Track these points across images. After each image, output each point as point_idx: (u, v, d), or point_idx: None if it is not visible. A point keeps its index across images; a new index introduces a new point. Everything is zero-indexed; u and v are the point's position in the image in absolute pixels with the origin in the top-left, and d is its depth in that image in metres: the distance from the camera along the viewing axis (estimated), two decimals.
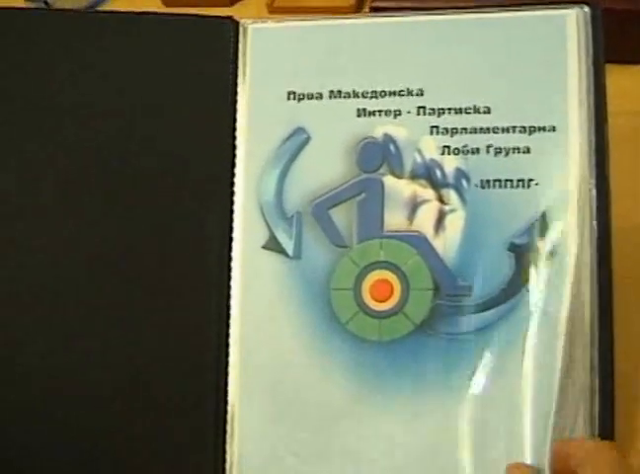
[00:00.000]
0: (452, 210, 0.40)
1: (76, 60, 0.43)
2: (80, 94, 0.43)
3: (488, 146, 0.40)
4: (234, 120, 0.42)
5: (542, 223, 0.39)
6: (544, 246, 0.39)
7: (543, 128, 0.40)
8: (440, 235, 0.40)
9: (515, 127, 0.40)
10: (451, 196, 0.40)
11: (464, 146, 0.40)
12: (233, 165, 0.42)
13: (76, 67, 0.43)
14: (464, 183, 0.40)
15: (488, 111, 0.40)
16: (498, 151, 0.40)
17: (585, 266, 0.38)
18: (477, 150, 0.40)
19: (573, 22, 0.40)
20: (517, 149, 0.40)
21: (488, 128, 0.40)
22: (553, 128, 0.39)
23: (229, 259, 0.41)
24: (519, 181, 0.39)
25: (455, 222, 0.40)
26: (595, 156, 0.39)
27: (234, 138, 0.42)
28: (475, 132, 0.40)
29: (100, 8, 0.63)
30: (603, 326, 0.38)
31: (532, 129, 0.40)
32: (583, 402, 0.38)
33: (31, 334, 0.41)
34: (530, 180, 0.39)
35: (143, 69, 0.43)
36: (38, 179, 0.42)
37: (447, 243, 0.40)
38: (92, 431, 0.41)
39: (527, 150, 0.40)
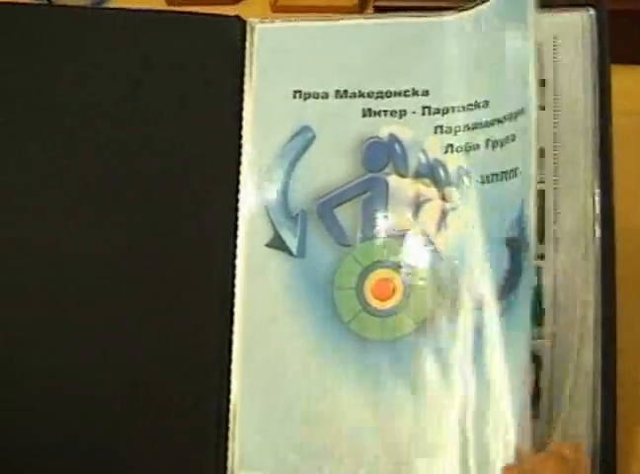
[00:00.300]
0: (454, 208, 0.40)
1: (79, 58, 0.43)
2: (83, 92, 0.43)
3: (487, 140, 0.40)
4: (240, 119, 0.42)
5: (521, 213, 0.38)
6: (525, 238, 0.38)
7: (520, 112, 0.39)
8: (442, 233, 0.40)
9: (505, 116, 0.39)
10: (454, 194, 0.40)
11: (467, 143, 0.40)
12: (238, 163, 0.42)
13: (79, 65, 0.43)
14: (466, 180, 0.40)
15: (486, 104, 0.40)
16: (495, 144, 0.40)
17: (588, 265, 0.39)
18: (477, 146, 0.40)
19: (577, 21, 0.40)
20: (508, 138, 0.39)
21: (487, 122, 0.40)
22: (522, 111, 0.38)
23: (233, 257, 0.41)
24: (511, 171, 0.39)
25: (457, 220, 0.40)
26: (599, 158, 0.39)
27: (240, 137, 0.42)
28: (476, 128, 0.40)
29: (104, 5, 0.62)
30: (606, 327, 0.38)
31: (516, 114, 0.39)
32: (585, 403, 0.38)
33: (32, 334, 0.41)
34: (517, 168, 0.39)
35: (148, 68, 0.42)
36: (41, 177, 0.42)
37: (449, 241, 0.40)
38: (93, 430, 0.41)
39: (514, 138, 0.39)
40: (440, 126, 0.41)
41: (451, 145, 0.41)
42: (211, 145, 0.42)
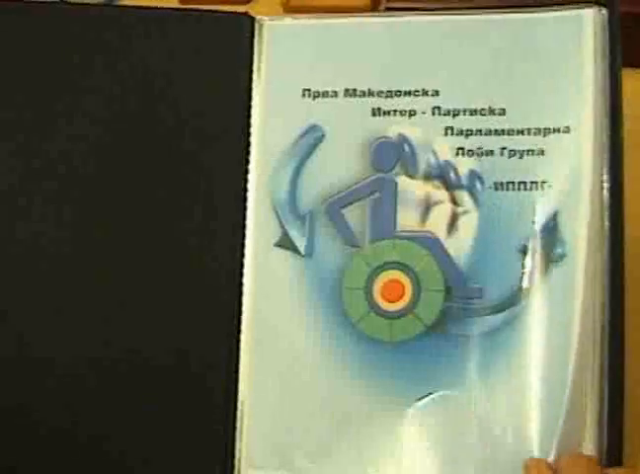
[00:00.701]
0: (465, 212, 0.40)
1: (90, 55, 0.43)
2: (93, 89, 0.42)
3: (502, 148, 0.40)
4: (249, 117, 0.42)
5: (554, 225, 0.39)
6: (555, 248, 0.39)
7: (558, 130, 0.40)
8: (453, 237, 0.40)
9: (529, 129, 0.40)
10: (465, 197, 0.40)
11: (479, 148, 0.40)
12: (247, 161, 0.42)
13: (90, 62, 0.43)
14: (478, 185, 0.40)
15: (503, 112, 0.40)
16: (512, 153, 0.40)
17: (597, 269, 0.39)
18: (491, 152, 0.40)
19: (589, 22, 0.40)
20: (531, 151, 0.40)
21: (503, 130, 0.40)
22: (567, 129, 0.39)
23: (241, 256, 0.41)
24: (532, 183, 0.40)
25: (468, 224, 0.40)
26: (609, 159, 0.39)
27: (248, 135, 0.42)
28: (490, 134, 0.40)
29: (116, 3, 0.62)
30: (614, 332, 0.38)
31: (547, 131, 0.40)
32: (592, 407, 0.38)
33: (39, 327, 0.41)
34: (544, 182, 0.39)
35: (157, 64, 0.42)
36: (52, 173, 0.42)
37: (460, 245, 0.40)
38: (98, 428, 0.41)
39: (542, 152, 0.40)
40: (451, 128, 0.41)
41: (462, 148, 0.40)
42: (219, 143, 0.42)
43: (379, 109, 0.41)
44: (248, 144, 0.42)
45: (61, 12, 0.44)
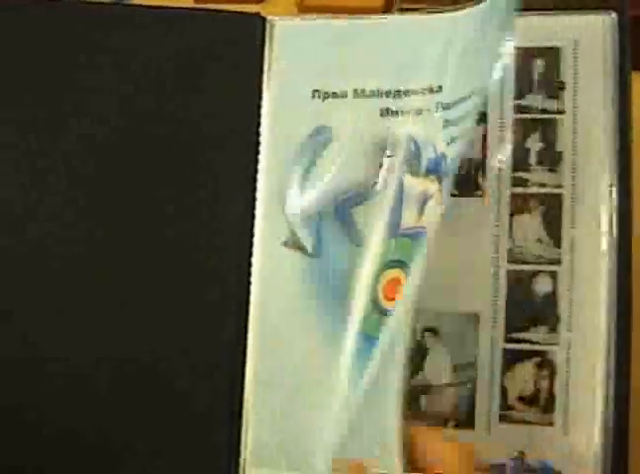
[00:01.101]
0: (440, 203, 0.40)
1: (101, 53, 0.43)
2: (103, 89, 0.43)
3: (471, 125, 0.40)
4: (258, 117, 0.42)
5: None
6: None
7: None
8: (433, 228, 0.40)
9: (483, 104, 0.40)
10: (445, 186, 0.40)
11: (460, 133, 0.40)
12: (256, 161, 0.42)
13: (100, 60, 0.43)
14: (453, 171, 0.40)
15: (472, 93, 0.40)
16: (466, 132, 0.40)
17: (604, 270, 0.39)
18: (462, 135, 0.40)
19: (599, 25, 0.40)
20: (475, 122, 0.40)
21: (469, 112, 0.40)
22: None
23: (249, 255, 0.41)
24: None
25: (438, 212, 0.40)
26: (617, 164, 0.39)
27: (258, 135, 0.42)
28: (470, 115, 0.40)
29: (127, 2, 0.62)
30: (622, 333, 0.38)
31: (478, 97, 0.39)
32: (599, 409, 0.38)
33: (46, 326, 0.41)
34: None
35: (168, 64, 0.43)
36: (62, 169, 0.42)
37: (431, 235, 0.40)
38: (105, 425, 0.41)
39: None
40: (448, 120, 0.40)
41: (454, 137, 0.40)
42: (228, 143, 0.42)
43: (388, 109, 0.41)
44: (257, 144, 0.42)
45: (72, 11, 0.44)
